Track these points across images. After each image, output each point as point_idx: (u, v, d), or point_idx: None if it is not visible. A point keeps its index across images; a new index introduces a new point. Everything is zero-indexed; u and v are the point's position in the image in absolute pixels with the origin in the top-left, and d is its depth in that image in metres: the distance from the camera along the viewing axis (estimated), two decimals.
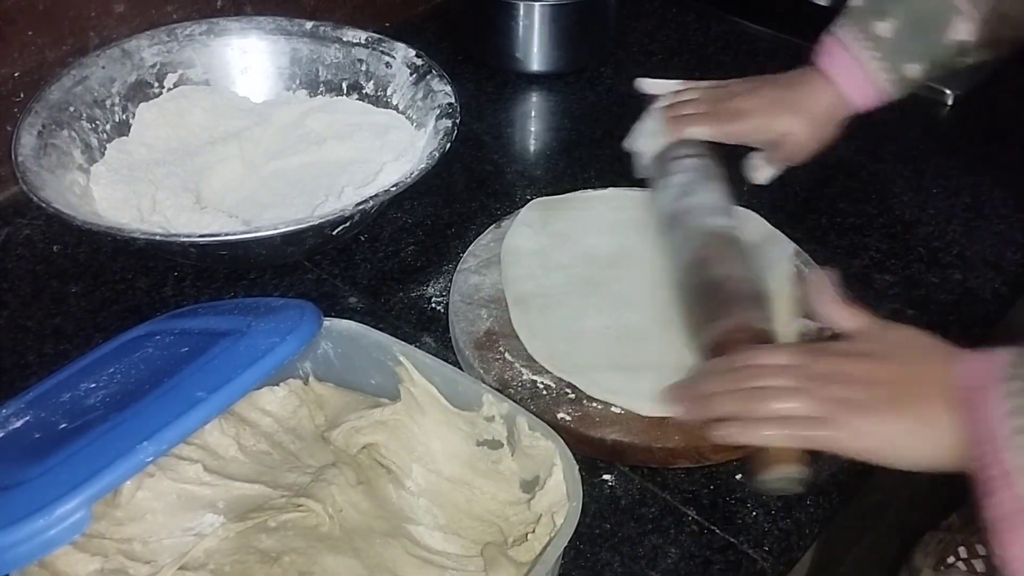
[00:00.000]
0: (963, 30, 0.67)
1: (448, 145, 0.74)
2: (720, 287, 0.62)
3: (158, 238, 0.66)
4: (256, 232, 0.66)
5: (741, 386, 0.53)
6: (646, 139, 0.75)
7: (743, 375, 0.54)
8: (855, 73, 0.70)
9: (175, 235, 0.70)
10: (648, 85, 0.78)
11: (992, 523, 0.45)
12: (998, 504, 0.44)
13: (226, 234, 0.66)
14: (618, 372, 0.64)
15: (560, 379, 0.64)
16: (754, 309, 0.61)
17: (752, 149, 0.75)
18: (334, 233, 0.71)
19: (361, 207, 0.67)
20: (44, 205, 0.67)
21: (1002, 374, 0.47)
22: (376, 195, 0.68)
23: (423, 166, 0.71)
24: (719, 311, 0.60)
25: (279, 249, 0.72)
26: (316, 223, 0.66)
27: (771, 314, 0.61)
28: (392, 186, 0.69)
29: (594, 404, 0.62)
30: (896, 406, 0.51)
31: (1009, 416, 0.45)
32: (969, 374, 0.49)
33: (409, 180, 0.69)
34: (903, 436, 0.50)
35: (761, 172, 0.75)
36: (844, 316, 0.56)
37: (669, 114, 0.73)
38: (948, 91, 0.99)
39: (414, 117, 0.82)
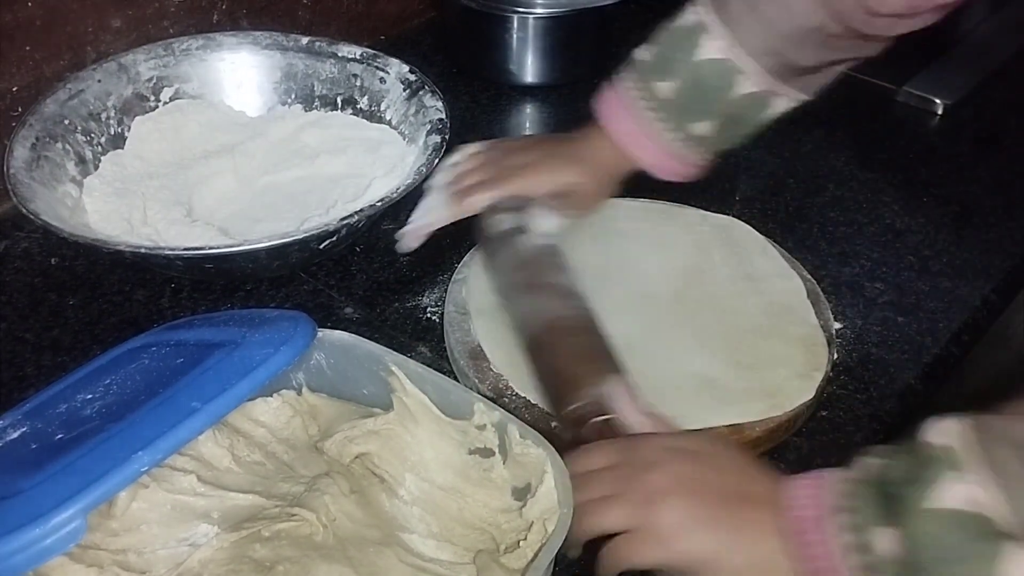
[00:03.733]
0: (749, 84, 0.67)
1: (437, 161, 0.74)
2: (580, 358, 0.59)
3: (143, 251, 0.67)
4: (240, 246, 0.67)
5: (580, 496, 0.49)
6: (430, 213, 0.72)
7: (576, 488, 0.50)
8: (639, 134, 0.70)
9: (160, 248, 0.70)
10: (409, 233, 0.72)
11: None
12: None
13: (210, 248, 0.67)
14: None
15: None
16: (582, 399, 0.57)
17: None
18: (321, 247, 0.71)
19: (345, 222, 0.68)
20: (32, 217, 0.67)
21: (835, 503, 0.46)
22: (362, 210, 0.69)
23: (409, 181, 0.72)
24: (579, 384, 0.57)
25: (265, 263, 0.73)
26: (301, 237, 0.67)
27: (606, 380, 0.57)
28: (378, 201, 0.70)
29: None
30: (721, 514, 0.49)
31: (848, 552, 0.44)
32: (800, 500, 0.48)
33: (395, 196, 0.70)
34: (731, 550, 0.48)
35: (548, 222, 0.70)
36: (649, 425, 0.54)
37: (451, 191, 0.71)
38: (938, 100, 1.00)
39: (406, 132, 0.83)
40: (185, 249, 0.68)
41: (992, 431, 0.42)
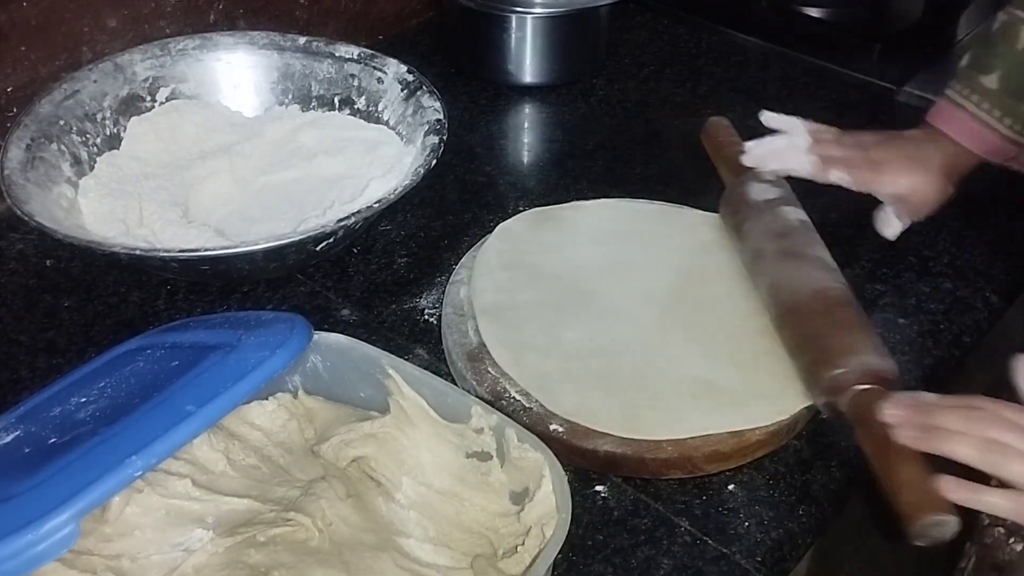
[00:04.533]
0: None
1: (434, 162, 0.74)
2: (846, 328, 0.62)
3: (138, 252, 0.66)
4: (236, 248, 0.66)
5: (985, 433, 0.49)
6: (788, 161, 0.75)
7: (986, 421, 0.50)
8: (970, 126, 0.73)
9: (155, 249, 0.70)
10: (774, 120, 0.78)
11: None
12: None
13: (206, 249, 0.67)
14: (592, 388, 0.63)
15: None
16: (881, 356, 0.60)
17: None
18: (318, 249, 0.71)
19: (343, 223, 0.67)
20: (27, 219, 0.67)
21: None
22: (359, 211, 0.68)
23: (407, 182, 0.71)
24: (845, 352, 0.59)
25: (262, 265, 0.72)
26: (297, 239, 0.67)
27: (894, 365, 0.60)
28: (375, 202, 0.69)
29: None
30: None
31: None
32: None
33: (392, 197, 0.70)
34: None
35: (891, 227, 0.76)
36: None
37: (816, 151, 0.74)
38: (938, 100, 0.99)
39: (404, 133, 0.83)
40: (181, 251, 0.68)
41: None
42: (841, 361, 0.59)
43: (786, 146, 0.75)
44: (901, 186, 0.73)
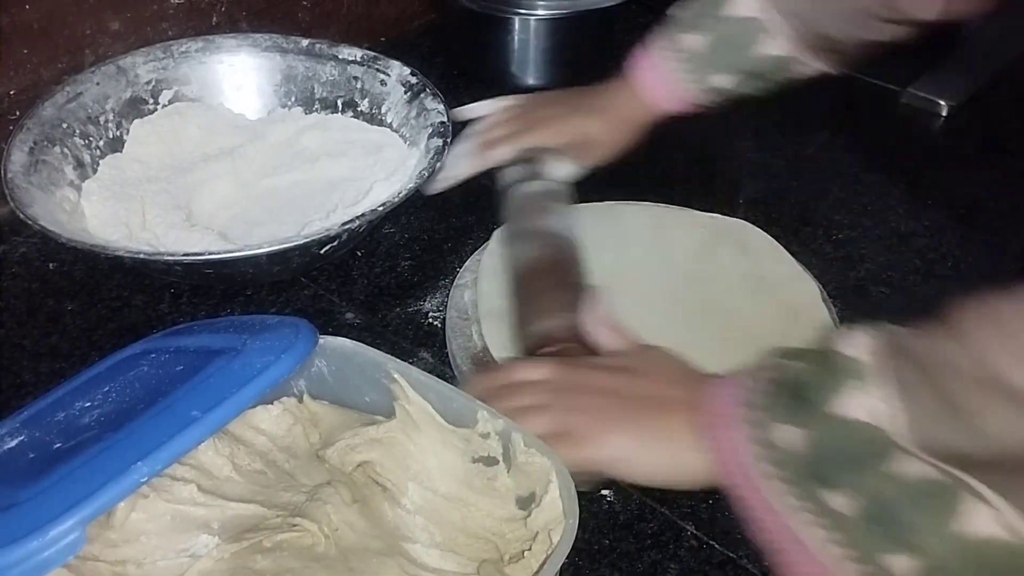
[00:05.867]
0: (773, 46, 0.70)
1: (438, 164, 0.74)
2: (531, 300, 0.64)
3: (142, 256, 0.66)
4: (240, 251, 0.66)
5: (501, 405, 0.53)
6: (457, 163, 0.78)
7: (504, 393, 0.55)
8: (660, 79, 0.74)
9: (159, 253, 0.69)
10: (466, 112, 0.81)
11: (765, 545, 0.46)
12: (766, 530, 0.46)
13: (210, 253, 0.66)
14: None
15: None
16: (560, 317, 0.62)
17: None
18: (322, 252, 0.71)
19: (347, 227, 0.67)
20: (30, 222, 0.67)
21: (746, 399, 0.48)
22: (363, 214, 0.68)
23: (411, 185, 0.71)
24: (528, 323, 0.62)
25: (266, 268, 0.72)
26: (302, 243, 0.66)
27: (575, 319, 0.61)
28: (379, 205, 0.69)
29: None
30: (638, 418, 0.52)
31: (753, 445, 0.47)
32: (716, 398, 0.50)
33: (397, 199, 0.69)
34: (645, 449, 0.51)
35: (560, 169, 0.77)
36: (608, 336, 0.58)
37: (479, 140, 0.77)
38: (942, 102, 0.99)
39: (407, 135, 0.82)
40: (184, 254, 0.67)
41: (901, 347, 0.44)
42: (548, 317, 0.62)
43: (459, 152, 0.77)
44: (567, 134, 0.76)
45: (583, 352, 0.59)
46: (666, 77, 0.74)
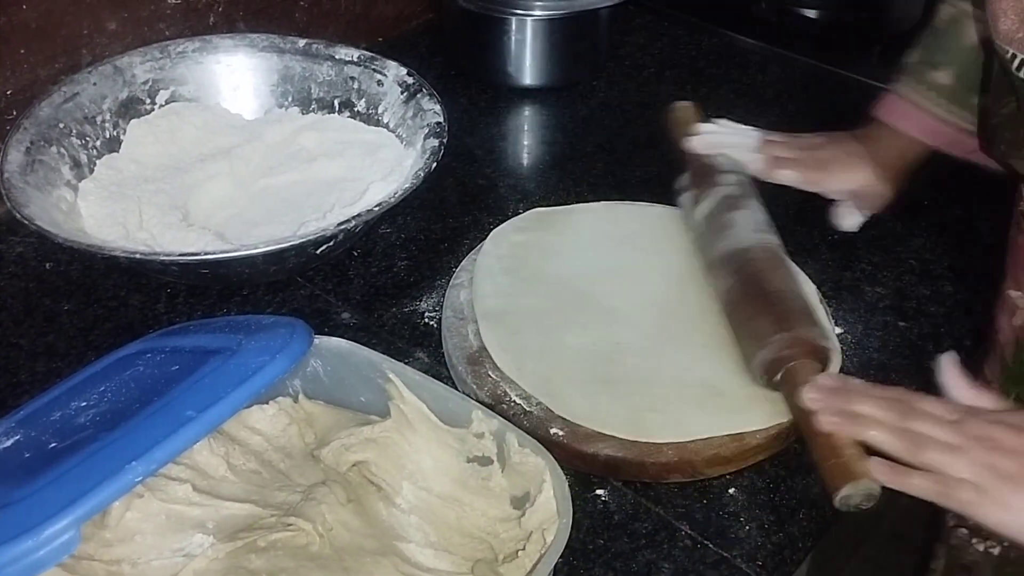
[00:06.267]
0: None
1: (434, 164, 0.74)
2: (778, 300, 0.64)
3: (138, 256, 0.66)
4: (235, 251, 0.66)
5: (901, 423, 0.51)
6: (740, 153, 0.76)
7: (903, 411, 0.52)
8: (925, 120, 0.73)
9: (155, 253, 0.70)
10: (728, 126, 0.79)
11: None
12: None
13: (205, 253, 0.67)
14: (595, 391, 0.63)
15: None
16: (811, 325, 0.62)
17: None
18: (318, 252, 0.71)
19: (343, 227, 0.67)
20: (27, 222, 0.67)
21: None
22: (359, 215, 0.68)
23: (407, 185, 0.71)
24: (778, 325, 0.62)
25: (262, 268, 0.72)
26: (297, 243, 0.66)
27: (826, 332, 0.62)
28: (375, 206, 0.69)
29: None
30: None
31: None
32: None
33: (393, 200, 0.69)
34: None
35: (849, 219, 0.77)
36: (975, 399, 0.55)
37: (766, 152, 0.76)
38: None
39: (404, 135, 0.82)
40: (180, 254, 0.67)
41: None
42: (766, 341, 0.61)
43: (735, 141, 0.76)
44: (850, 182, 0.75)
45: (817, 368, 0.59)
46: (926, 116, 0.73)
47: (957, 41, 0.71)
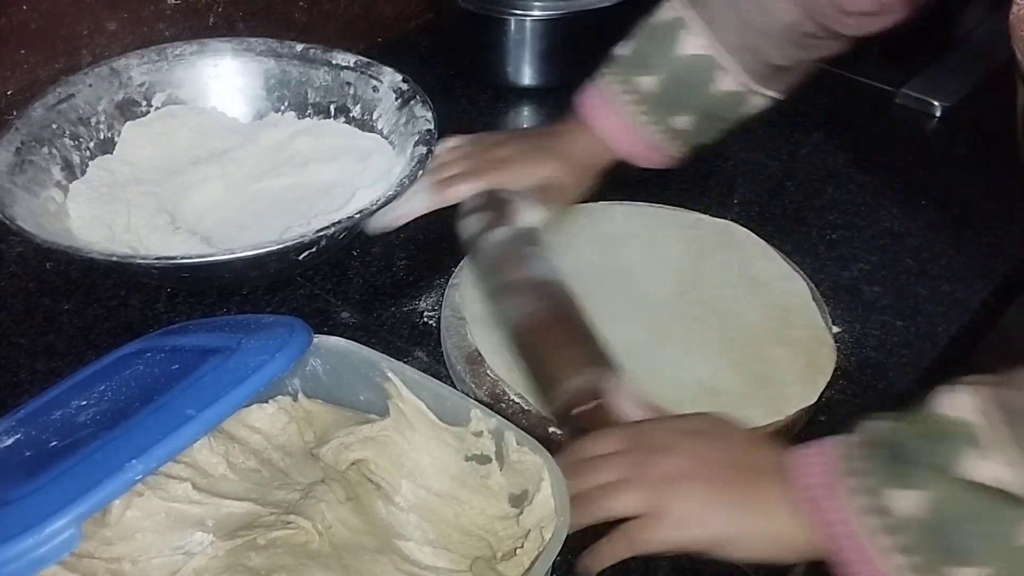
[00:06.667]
0: (728, 82, 0.69)
1: (420, 172, 0.73)
2: (548, 359, 0.60)
3: (115, 259, 0.66)
4: (214, 256, 0.66)
5: (581, 487, 0.51)
6: (414, 199, 0.72)
7: (581, 472, 0.51)
8: (622, 127, 0.71)
9: (132, 256, 0.69)
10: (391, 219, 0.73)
11: None
12: None
13: (183, 257, 0.66)
14: None
15: None
16: (585, 372, 0.58)
17: None
18: (300, 258, 0.70)
19: (322, 234, 0.67)
20: (8, 222, 0.66)
21: (845, 467, 0.47)
22: (339, 221, 0.67)
23: (391, 193, 0.70)
24: (553, 382, 0.58)
25: (242, 273, 0.72)
26: (277, 248, 0.66)
27: (605, 366, 0.58)
28: (356, 213, 0.68)
29: None
30: (732, 491, 0.50)
31: (864, 515, 0.45)
32: (808, 468, 0.49)
33: (375, 207, 0.69)
34: (743, 528, 0.49)
35: (532, 215, 0.72)
36: (642, 413, 0.55)
37: (433, 179, 0.72)
38: (936, 102, 0.99)
39: (396, 142, 0.82)
40: (158, 258, 0.67)
41: (1008, 404, 0.42)
42: (559, 389, 0.57)
43: (413, 190, 0.71)
44: (531, 177, 0.72)
45: (615, 410, 0.56)
46: (625, 121, 0.71)
47: (672, 48, 0.68)
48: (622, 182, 0.86)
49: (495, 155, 0.73)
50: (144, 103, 0.84)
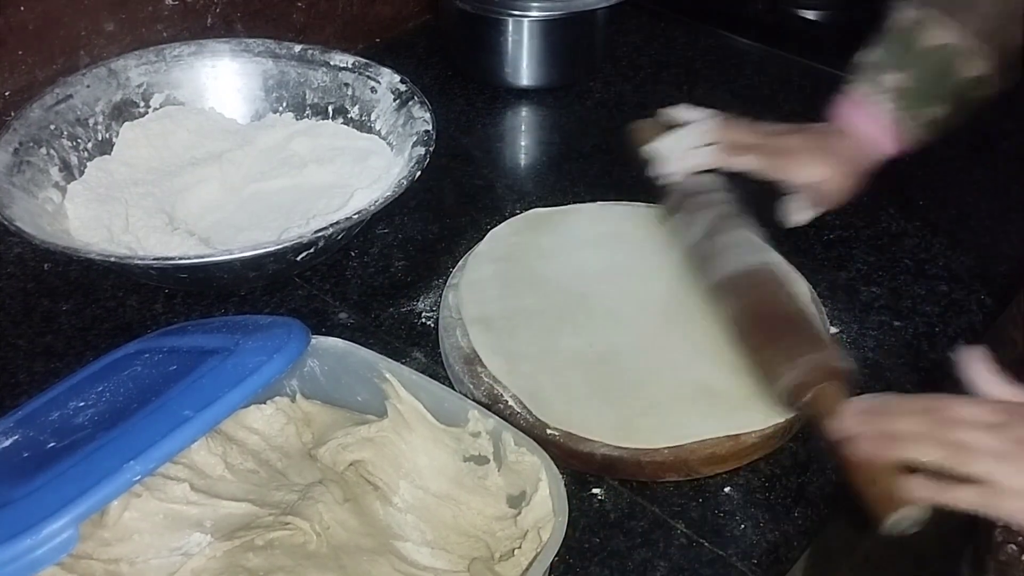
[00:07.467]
0: (975, 67, 0.71)
1: (418, 173, 0.73)
2: (799, 323, 0.63)
3: (113, 259, 0.66)
4: (213, 257, 0.66)
5: (942, 434, 0.50)
6: (694, 154, 0.74)
7: (942, 421, 0.51)
8: (876, 123, 0.73)
9: (130, 257, 0.70)
10: (687, 114, 0.77)
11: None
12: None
13: (180, 258, 0.66)
14: (588, 395, 0.63)
15: None
16: (829, 347, 0.61)
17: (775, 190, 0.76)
18: (298, 259, 0.70)
19: (320, 234, 0.67)
20: (6, 223, 0.67)
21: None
22: (337, 223, 0.68)
23: (389, 194, 0.71)
24: (797, 349, 0.60)
25: (240, 274, 0.72)
26: (274, 249, 0.66)
27: (821, 358, 0.60)
28: (355, 213, 0.68)
29: None
30: None
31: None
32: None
33: (373, 208, 0.69)
34: None
35: (800, 214, 0.75)
36: (1006, 392, 0.53)
37: (725, 137, 0.74)
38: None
39: (394, 143, 0.82)
40: (156, 259, 0.67)
41: None
42: (795, 362, 0.59)
43: (686, 145, 0.74)
44: (812, 174, 0.73)
45: (844, 392, 0.57)
46: (882, 120, 0.73)
47: (915, 44, 0.71)
48: (621, 183, 0.86)
49: (779, 144, 0.74)
50: (142, 104, 0.84)
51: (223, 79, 0.87)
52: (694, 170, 0.75)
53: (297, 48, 0.87)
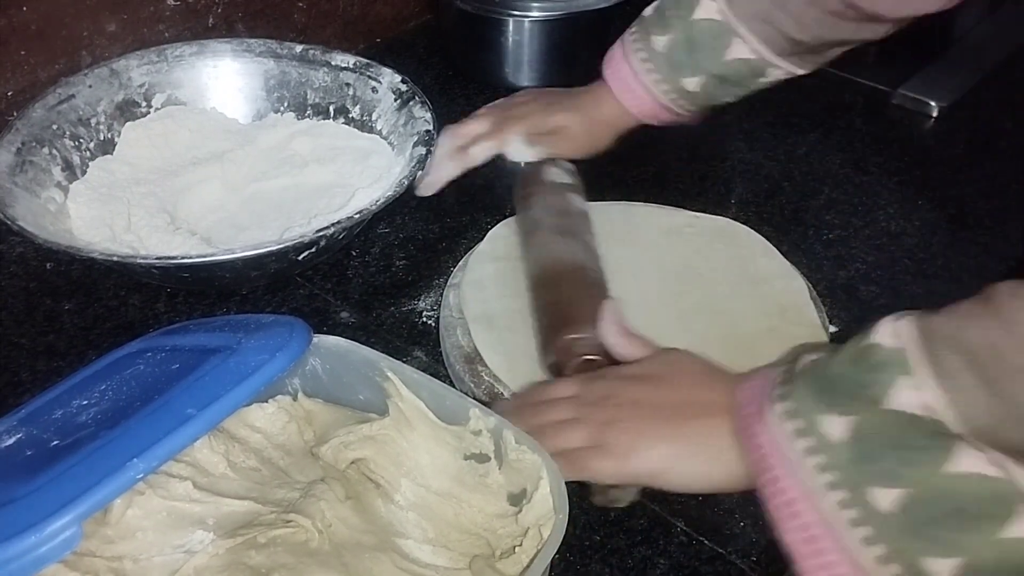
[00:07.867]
0: (743, 50, 0.71)
1: (419, 173, 0.74)
2: (550, 311, 0.64)
3: (115, 259, 0.66)
4: (215, 256, 0.66)
5: (532, 422, 0.54)
6: (440, 165, 0.79)
7: (533, 411, 0.56)
8: (634, 86, 0.75)
9: (133, 256, 0.70)
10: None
11: (793, 545, 0.46)
12: (800, 527, 0.45)
13: (183, 257, 0.66)
14: None
15: None
16: (580, 332, 0.61)
17: None
18: (300, 258, 0.71)
19: (322, 234, 0.67)
20: (9, 222, 0.67)
21: (775, 392, 0.48)
22: (339, 222, 0.68)
23: (390, 193, 0.71)
24: (584, 322, 0.62)
25: (242, 273, 0.72)
26: (276, 248, 0.66)
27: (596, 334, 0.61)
28: (356, 213, 0.69)
29: None
30: (674, 426, 0.52)
31: (793, 438, 0.46)
32: (746, 398, 0.51)
33: (374, 208, 0.69)
34: (684, 458, 0.52)
35: (520, 151, 0.79)
36: (626, 345, 0.58)
37: (456, 142, 0.78)
38: (933, 103, 1.00)
39: (395, 143, 0.83)
40: (158, 258, 0.67)
41: (940, 335, 0.44)
42: (578, 328, 0.61)
43: (438, 156, 0.77)
44: (544, 125, 0.77)
45: (609, 364, 0.59)
46: (639, 79, 0.74)
47: (690, 12, 0.71)
48: (621, 182, 0.87)
49: (514, 112, 0.77)
50: (144, 104, 0.85)
51: (224, 79, 0.87)
52: (437, 187, 0.79)
53: (298, 48, 0.87)
